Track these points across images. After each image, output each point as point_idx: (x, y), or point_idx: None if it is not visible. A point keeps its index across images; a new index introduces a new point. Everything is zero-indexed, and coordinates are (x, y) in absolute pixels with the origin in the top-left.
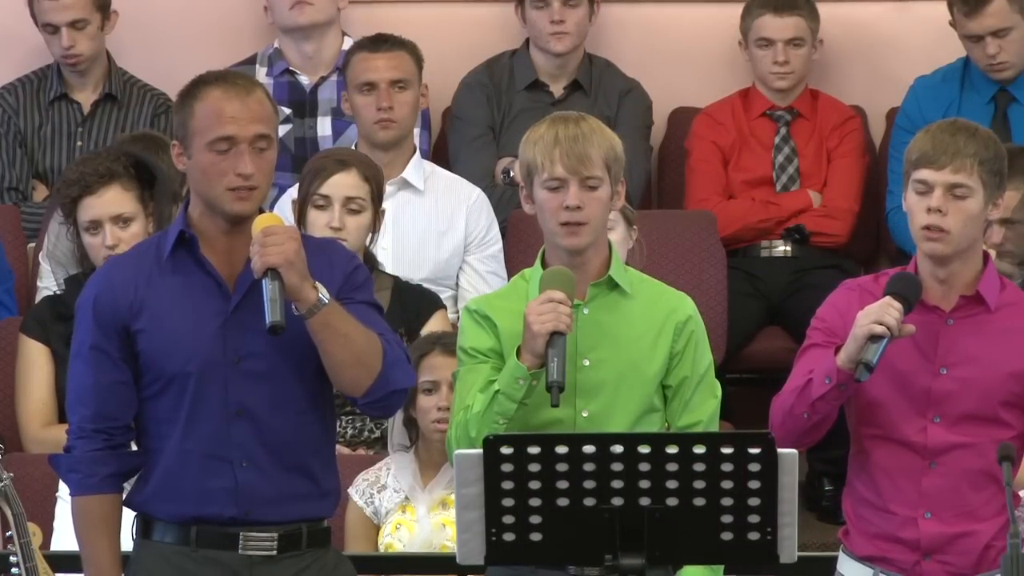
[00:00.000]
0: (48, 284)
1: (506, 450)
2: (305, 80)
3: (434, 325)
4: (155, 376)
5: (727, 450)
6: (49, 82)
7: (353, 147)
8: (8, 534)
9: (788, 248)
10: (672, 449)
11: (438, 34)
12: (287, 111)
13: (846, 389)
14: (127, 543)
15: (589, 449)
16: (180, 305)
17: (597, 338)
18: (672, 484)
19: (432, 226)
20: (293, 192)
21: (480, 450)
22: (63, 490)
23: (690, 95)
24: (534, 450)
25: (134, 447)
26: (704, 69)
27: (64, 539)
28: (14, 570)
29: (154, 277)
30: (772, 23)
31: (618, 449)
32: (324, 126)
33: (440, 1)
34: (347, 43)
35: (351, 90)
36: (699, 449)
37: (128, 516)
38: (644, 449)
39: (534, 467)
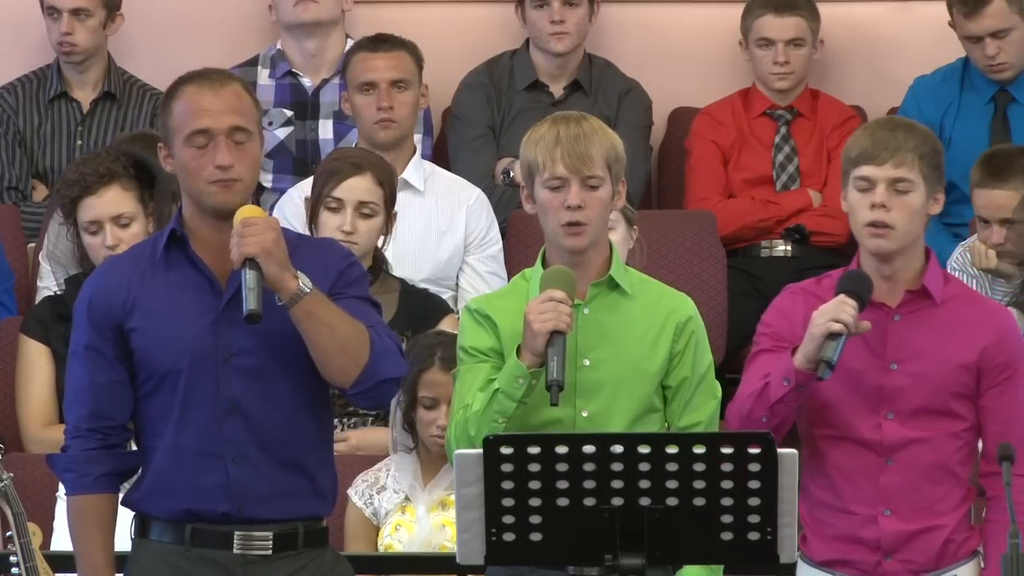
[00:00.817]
0: (48, 284)
1: (506, 450)
2: (307, 82)
3: None
4: (149, 374)
5: (727, 450)
6: (49, 81)
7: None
8: (8, 534)
9: (788, 248)
10: (672, 449)
11: (438, 34)
12: (289, 113)
13: (805, 390)
14: (124, 543)
15: (589, 449)
16: (172, 302)
17: (597, 338)
18: (672, 484)
19: (432, 226)
20: (294, 193)
21: (480, 450)
22: (63, 490)
23: (690, 95)
24: (534, 450)
25: (133, 447)
26: (704, 69)
27: (64, 539)
28: (14, 570)
29: (147, 276)
30: (773, 23)
31: (618, 449)
32: (326, 129)
33: (440, 1)
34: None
35: (351, 90)
36: (699, 449)
37: (126, 516)
38: (644, 449)
39: (534, 467)
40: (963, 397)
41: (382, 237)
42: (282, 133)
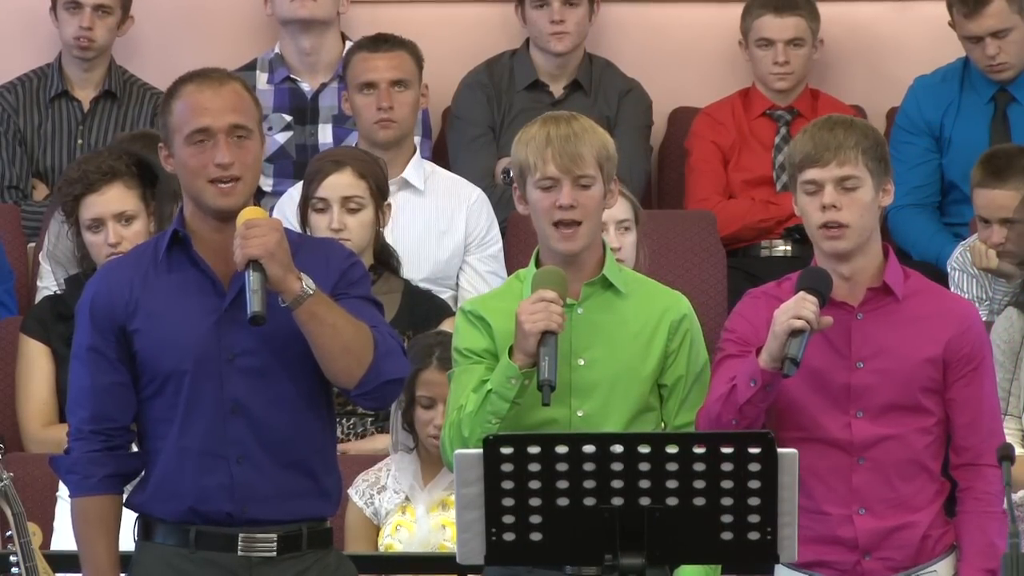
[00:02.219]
0: (48, 284)
1: (506, 450)
2: (306, 87)
3: None
4: (152, 376)
5: (727, 450)
6: (49, 80)
7: None
8: (8, 534)
9: (788, 248)
10: (672, 449)
11: (438, 34)
12: (288, 118)
13: (772, 390)
14: (128, 544)
15: (589, 449)
16: (175, 303)
17: (592, 337)
18: (672, 484)
19: (432, 226)
20: (294, 192)
21: (480, 450)
22: (63, 490)
23: (690, 95)
24: (534, 450)
25: (135, 449)
26: (704, 69)
27: (64, 539)
28: (14, 570)
29: (150, 277)
30: (772, 23)
31: (618, 449)
32: (325, 133)
33: (440, 1)
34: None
35: (351, 90)
36: (699, 449)
37: (129, 517)
38: (644, 449)
39: (534, 467)
40: (931, 392)
41: (380, 228)
42: (282, 138)
